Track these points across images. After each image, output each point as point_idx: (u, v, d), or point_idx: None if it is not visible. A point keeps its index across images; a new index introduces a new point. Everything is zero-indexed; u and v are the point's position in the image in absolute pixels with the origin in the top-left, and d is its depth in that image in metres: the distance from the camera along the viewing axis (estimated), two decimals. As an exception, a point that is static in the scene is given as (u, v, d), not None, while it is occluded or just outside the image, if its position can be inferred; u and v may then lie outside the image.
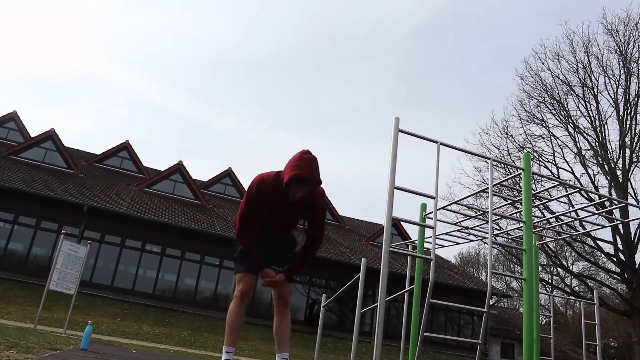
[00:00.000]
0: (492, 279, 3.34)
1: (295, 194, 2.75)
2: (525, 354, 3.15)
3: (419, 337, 3.15)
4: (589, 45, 20.76)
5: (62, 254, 8.64)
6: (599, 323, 5.62)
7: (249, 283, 2.92)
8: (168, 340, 10.85)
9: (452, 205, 8.84)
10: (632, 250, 18.77)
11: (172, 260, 17.78)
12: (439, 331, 20.83)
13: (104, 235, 17.10)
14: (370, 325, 19.23)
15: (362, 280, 4.25)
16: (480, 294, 21.12)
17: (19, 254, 16.38)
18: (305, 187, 2.74)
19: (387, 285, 2.82)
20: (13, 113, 21.32)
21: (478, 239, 5.61)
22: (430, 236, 4.02)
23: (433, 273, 3.01)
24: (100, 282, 16.44)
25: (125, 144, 22.94)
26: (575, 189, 9.50)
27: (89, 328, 4.56)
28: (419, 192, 3.05)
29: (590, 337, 6.06)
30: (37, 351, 3.47)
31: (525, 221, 3.40)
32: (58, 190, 16.68)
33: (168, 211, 18.48)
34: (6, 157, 18.72)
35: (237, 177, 24.08)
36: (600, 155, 19.95)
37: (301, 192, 2.74)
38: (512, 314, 29.47)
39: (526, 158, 3.65)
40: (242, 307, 2.95)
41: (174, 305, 16.87)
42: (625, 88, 20.03)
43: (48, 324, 9.60)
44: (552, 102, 21.36)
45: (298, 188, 2.72)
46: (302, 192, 2.74)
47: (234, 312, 2.93)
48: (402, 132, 3.11)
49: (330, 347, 15.21)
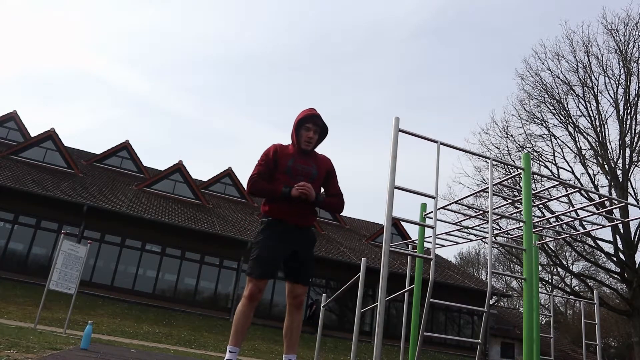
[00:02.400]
0: (492, 278, 3.34)
1: (308, 135, 2.91)
2: (525, 354, 3.15)
3: (419, 336, 3.14)
4: (589, 45, 20.76)
5: (62, 253, 8.64)
6: (599, 323, 5.61)
7: (258, 286, 2.83)
8: (168, 340, 10.85)
9: (452, 205, 8.85)
10: (632, 250, 18.76)
11: (172, 260, 17.78)
12: (439, 331, 20.83)
13: (104, 235, 17.10)
14: (370, 325, 19.23)
15: (362, 280, 4.25)
16: (480, 294, 21.12)
17: (19, 254, 16.38)
18: (314, 127, 2.92)
19: (387, 285, 2.81)
20: (13, 113, 21.32)
21: (478, 239, 5.61)
22: (430, 236, 4.02)
23: (433, 273, 3.00)
24: (100, 282, 16.44)
25: (125, 143, 22.95)
26: (575, 188, 9.50)
27: (89, 328, 4.56)
28: (419, 192, 3.05)
29: (590, 337, 6.06)
30: (37, 351, 3.47)
31: (525, 221, 3.40)
32: (58, 190, 16.68)
33: (168, 211, 18.48)
34: (6, 157, 18.72)
35: (237, 177, 24.10)
36: (600, 155, 19.95)
37: (312, 132, 2.91)
38: (512, 313, 29.46)
39: (526, 158, 3.65)
40: (251, 308, 2.86)
41: (173, 305, 16.86)
42: (625, 88, 20.02)
43: (48, 323, 9.61)
44: (552, 102, 21.36)
45: (308, 128, 2.91)
46: (313, 132, 2.92)
47: (241, 312, 2.84)
48: (402, 132, 3.11)
49: (330, 347, 15.21)
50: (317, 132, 2.96)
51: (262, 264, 2.82)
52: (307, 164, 2.95)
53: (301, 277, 2.94)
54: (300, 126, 2.92)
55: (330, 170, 3.07)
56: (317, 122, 2.95)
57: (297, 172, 2.89)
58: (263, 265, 2.82)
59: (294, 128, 2.95)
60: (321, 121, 2.97)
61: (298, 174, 2.89)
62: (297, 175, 2.89)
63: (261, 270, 2.81)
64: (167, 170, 21.47)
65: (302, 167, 2.92)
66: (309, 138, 2.92)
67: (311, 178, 2.93)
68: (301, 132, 2.93)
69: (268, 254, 2.83)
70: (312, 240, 3.04)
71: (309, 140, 2.94)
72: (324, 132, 3.04)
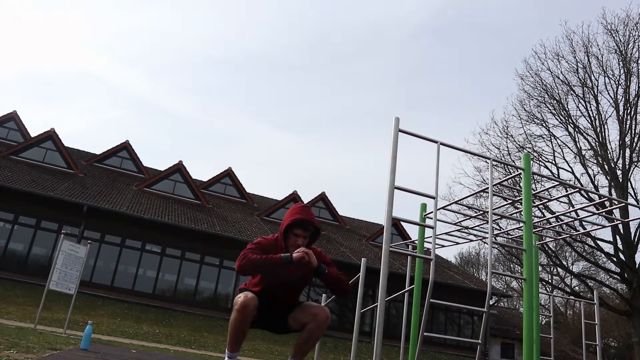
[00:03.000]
0: (492, 279, 3.34)
1: (296, 241, 2.71)
2: (525, 354, 3.15)
3: (419, 337, 3.15)
4: (589, 45, 20.75)
5: (62, 253, 8.64)
6: (599, 323, 5.61)
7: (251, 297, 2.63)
8: (168, 340, 10.85)
9: (452, 205, 8.84)
10: (632, 250, 18.76)
11: (172, 260, 17.78)
12: (439, 331, 20.82)
13: (104, 235, 17.10)
14: (370, 325, 19.22)
15: (362, 280, 4.25)
16: (480, 294, 21.11)
17: (19, 254, 16.37)
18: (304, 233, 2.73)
19: (387, 285, 2.81)
20: (13, 113, 21.32)
21: (478, 239, 5.61)
22: (430, 236, 4.02)
23: (433, 273, 3.01)
24: (100, 282, 16.43)
25: (125, 143, 22.95)
26: (575, 189, 9.50)
27: (89, 328, 4.56)
28: (419, 192, 3.05)
29: (590, 337, 6.06)
30: (37, 351, 3.47)
31: (525, 221, 3.40)
32: (58, 190, 16.68)
33: (168, 211, 18.48)
34: (6, 157, 18.72)
35: (237, 177, 24.10)
36: (600, 155, 19.94)
37: (301, 238, 2.72)
38: (512, 314, 29.45)
39: (526, 158, 3.65)
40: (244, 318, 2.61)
41: (173, 305, 16.86)
42: (625, 88, 20.01)
43: (48, 323, 9.61)
44: (552, 102, 21.35)
45: (297, 234, 2.72)
46: (301, 238, 2.72)
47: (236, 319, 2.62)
48: (402, 132, 3.11)
49: (330, 347, 15.21)
50: (307, 238, 2.76)
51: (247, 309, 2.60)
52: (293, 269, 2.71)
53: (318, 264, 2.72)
54: (289, 230, 2.73)
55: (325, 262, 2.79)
56: (308, 227, 2.75)
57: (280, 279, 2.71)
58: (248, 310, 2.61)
59: (282, 229, 2.75)
60: (312, 226, 2.76)
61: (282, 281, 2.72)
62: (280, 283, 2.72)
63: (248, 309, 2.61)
64: (167, 170, 21.47)
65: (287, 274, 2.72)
66: (297, 245, 2.70)
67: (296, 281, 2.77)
68: (290, 236, 2.74)
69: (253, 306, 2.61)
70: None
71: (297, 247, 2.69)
72: (315, 235, 2.86)
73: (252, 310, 2.59)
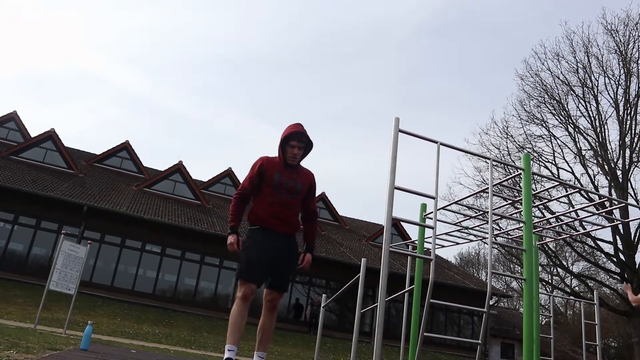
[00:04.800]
0: (492, 279, 3.34)
1: (293, 152, 3.09)
2: (525, 354, 3.15)
3: (419, 337, 3.15)
4: (589, 45, 20.78)
5: (62, 254, 8.63)
6: (599, 323, 5.62)
7: (251, 287, 2.99)
8: (168, 341, 10.84)
9: (452, 205, 8.85)
10: (632, 250, 18.77)
11: (172, 260, 17.78)
12: (439, 331, 20.82)
13: (104, 235, 17.10)
14: (370, 325, 19.22)
15: (362, 281, 4.25)
16: (480, 294, 21.11)
17: (19, 254, 16.37)
18: (299, 144, 3.10)
19: (387, 285, 2.81)
20: (13, 113, 21.32)
21: (478, 239, 5.61)
22: (430, 236, 4.02)
23: (433, 273, 3.00)
24: (100, 282, 16.43)
25: (125, 144, 22.94)
26: (575, 189, 9.50)
27: (89, 328, 4.56)
28: (419, 192, 3.05)
29: (590, 337, 6.06)
30: (37, 351, 3.47)
31: (525, 221, 3.40)
32: (58, 190, 16.68)
33: (168, 211, 18.48)
34: (6, 157, 18.72)
35: (237, 177, 24.06)
36: (600, 155, 19.95)
37: (296, 149, 3.09)
38: (512, 314, 29.45)
39: (526, 158, 3.65)
40: (245, 308, 3.00)
41: (174, 305, 16.86)
42: (625, 88, 20.03)
43: (48, 324, 9.60)
44: (552, 102, 21.37)
45: (293, 145, 3.09)
46: (296, 149, 3.10)
47: (236, 311, 2.98)
48: (402, 132, 3.12)
49: (330, 347, 15.20)
50: (301, 149, 3.14)
51: (250, 268, 3.01)
52: (292, 178, 3.14)
53: (278, 285, 3.11)
54: (286, 143, 3.11)
55: (312, 185, 3.27)
56: (302, 138, 3.13)
57: (282, 186, 3.11)
58: (251, 270, 3.01)
59: (280, 144, 3.15)
60: (305, 137, 3.15)
61: (283, 187, 3.11)
62: (282, 189, 3.11)
63: (249, 274, 3.00)
64: (167, 170, 21.46)
65: (287, 181, 3.12)
66: (293, 155, 3.11)
67: (295, 192, 3.15)
68: (287, 149, 3.12)
69: (255, 259, 3.02)
70: (294, 249, 3.21)
71: (294, 157, 3.12)
72: (308, 147, 3.22)
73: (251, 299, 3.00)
